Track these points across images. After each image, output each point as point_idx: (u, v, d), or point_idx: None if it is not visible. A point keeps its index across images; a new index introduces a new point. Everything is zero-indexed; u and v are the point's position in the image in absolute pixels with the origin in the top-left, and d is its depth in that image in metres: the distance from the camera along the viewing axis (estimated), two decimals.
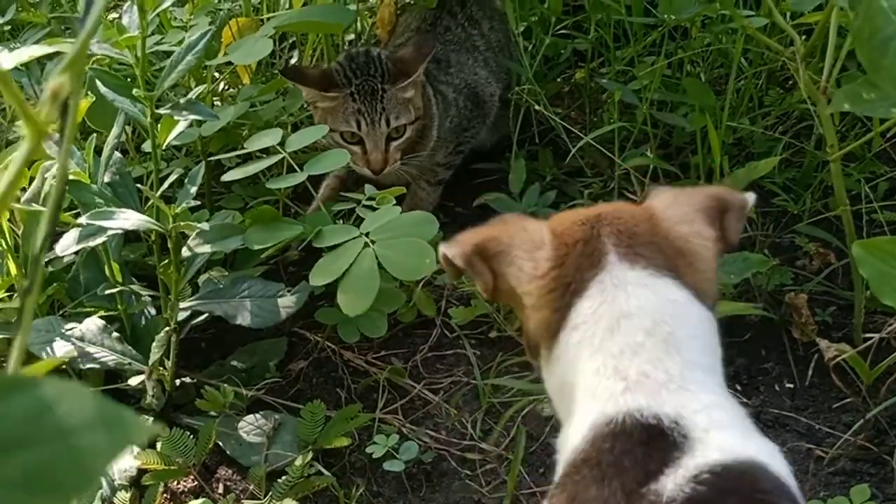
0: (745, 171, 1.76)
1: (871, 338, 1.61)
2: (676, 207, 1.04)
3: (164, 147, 1.64)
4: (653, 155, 2.03)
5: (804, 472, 1.55)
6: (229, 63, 2.00)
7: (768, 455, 0.92)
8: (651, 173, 1.98)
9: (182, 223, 1.51)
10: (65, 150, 0.48)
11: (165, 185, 1.61)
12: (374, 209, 1.66)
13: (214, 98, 2.22)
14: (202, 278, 1.80)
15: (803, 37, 1.65)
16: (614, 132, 2.02)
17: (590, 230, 1.01)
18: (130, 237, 1.97)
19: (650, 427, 0.92)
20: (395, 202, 1.67)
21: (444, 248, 1.08)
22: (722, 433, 0.91)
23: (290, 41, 2.45)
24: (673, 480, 0.88)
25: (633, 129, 2.09)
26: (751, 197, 1.08)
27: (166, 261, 1.60)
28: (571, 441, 0.96)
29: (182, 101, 1.53)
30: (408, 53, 1.95)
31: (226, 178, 1.75)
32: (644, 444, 0.92)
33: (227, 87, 2.31)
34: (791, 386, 1.71)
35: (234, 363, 1.81)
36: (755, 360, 1.76)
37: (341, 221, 1.74)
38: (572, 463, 0.94)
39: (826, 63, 1.46)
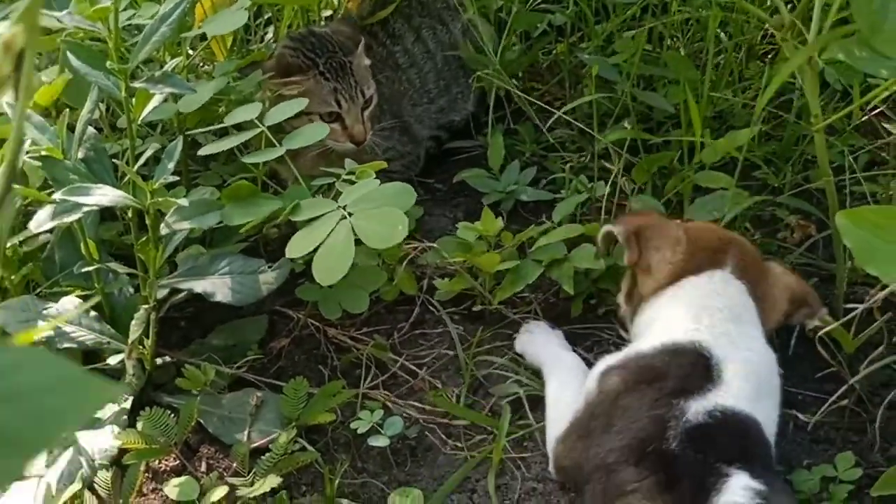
0: (724, 141, 1.76)
1: (854, 308, 1.61)
2: (783, 277, 1.54)
3: (139, 122, 1.61)
4: (632, 129, 2.03)
5: (788, 441, 1.55)
6: (204, 38, 1.97)
7: (764, 417, 1.34)
8: (631, 148, 1.97)
9: (160, 199, 1.48)
10: (20, 107, 0.46)
11: (141, 160, 1.58)
12: (353, 183, 1.64)
13: (190, 75, 2.18)
14: (181, 256, 1.78)
15: (788, 5, 1.64)
16: (592, 105, 2.00)
17: (722, 245, 1.50)
18: (106, 216, 1.94)
19: (701, 356, 1.35)
20: (374, 175, 1.65)
21: (608, 227, 1.57)
22: (742, 383, 1.33)
23: (266, 17, 2.42)
24: (696, 405, 1.29)
25: (613, 105, 2.07)
26: (823, 312, 1.56)
27: (144, 238, 1.57)
28: (639, 347, 1.42)
29: (157, 73, 1.50)
30: (343, 25, 1.96)
31: (202, 152, 1.72)
32: (692, 365, 1.34)
33: (202, 64, 2.28)
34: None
35: (215, 341, 1.79)
36: None
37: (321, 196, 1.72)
38: (635, 358, 1.40)
39: (811, 30, 1.46)
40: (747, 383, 1.33)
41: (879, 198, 1.87)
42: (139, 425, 1.56)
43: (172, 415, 1.59)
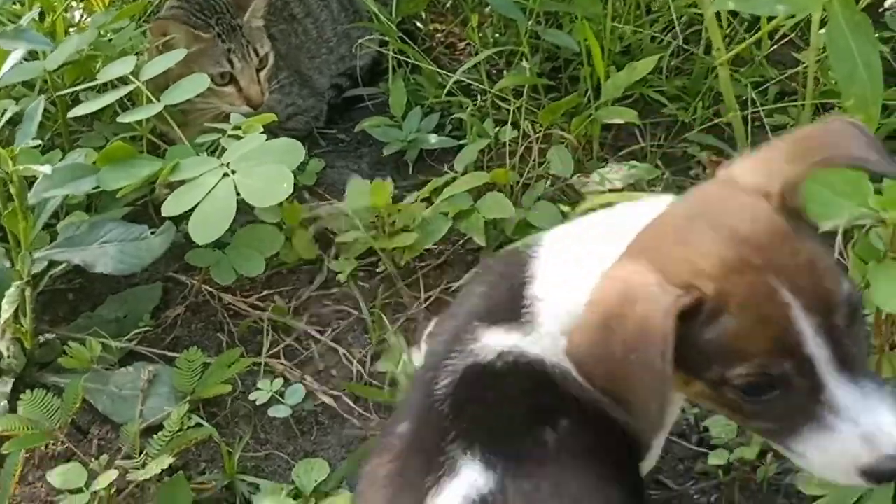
0: (625, 73, 1.69)
1: None
2: None
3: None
4: (538, 69, 1.95)
5: None
6: None
7: None
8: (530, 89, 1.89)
9: (21, 166, 1.36)
10: None
11: (1, 123, 1.45)
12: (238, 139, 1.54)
13: (71, 29, 2.05)
14: (62, 224, 1.67)
15: None
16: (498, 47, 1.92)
17: None
18: None
19: None
20: (262, 130, 1.55)
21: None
22: None
23: None
24: None
25: (518, 45, 1.98)
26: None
27: (11, 208, 1.45)
28: None
29: (9, 29, 1.37)
30: None
31: (73, 113, 1.61)
32: None
33: (84, 17, 2.14)
34: None
35: (105, 313, 1.69)
36: None
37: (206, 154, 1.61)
38: None
39: None
40: None
41: (790, 129, 1.82)
42: (20, 410, 1.45)
43: (58, 396, 1.48)
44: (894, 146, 1.55)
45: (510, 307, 1.02)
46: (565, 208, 1.69)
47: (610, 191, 1.71)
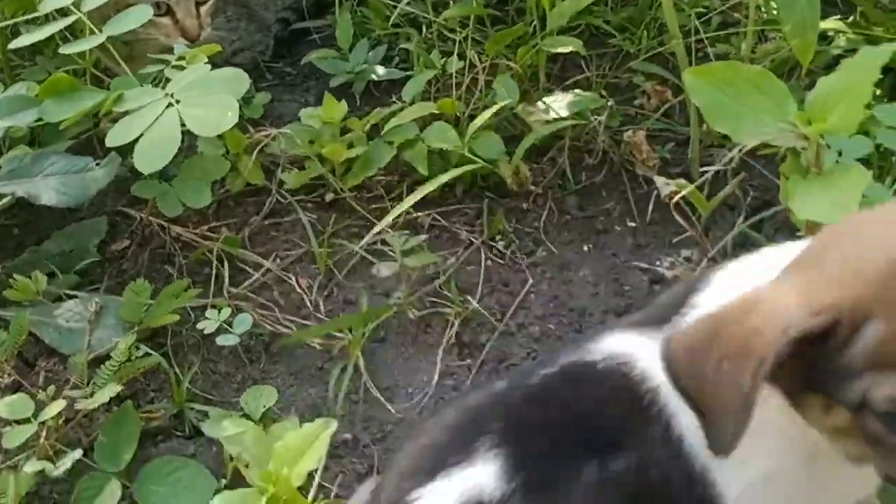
0: (569, 2, 1.69)
1: (707, 171, 1.59)
2: None
3: None
4: (484, 0, 1.94)
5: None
6: None
7: None
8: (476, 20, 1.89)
9: None
10: None
11: None
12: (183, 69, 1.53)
13: None
14: (5, 158, 1.65)
15: None
16: None
17: None
18: None
19: None
20: (206, 60, 1.54)
21: None
22: None
23: None
24: None
25: None
26: None
27: None
28: None
29: None
30: None
31: (14, 45, 1.58)
32: None
33: None
34: (632, 224, 1.69)
35: (51, 248, 1.68)
36: (597, 202, 1.73)
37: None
38: None
39: None
40: None
41: (732, 59, 1.84)
42: None
43: (3, 329, 1.48)
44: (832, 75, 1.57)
45: (660, 317, 0.92)
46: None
47: (555, 119, 1.73)
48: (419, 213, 1.70)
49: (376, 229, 1.62)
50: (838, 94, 1.24)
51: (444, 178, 1.65)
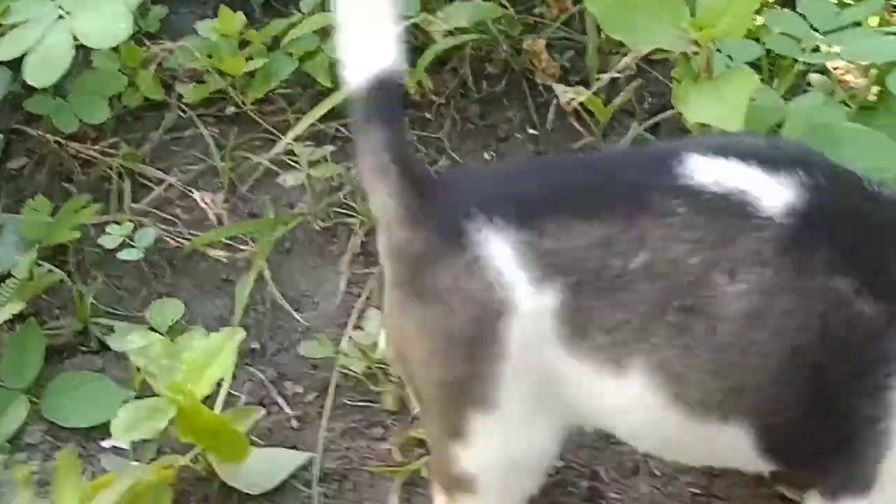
0: None
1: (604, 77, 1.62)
2: None
3: None
4: None
5: None
6: None
7: None
8: None
9: None
10: None
11: None
12: None
13: None
14: None
15: None
16: None
17: None
18: None
19: None
20: None
21: None
22: None
23: None
24: None
25: None
26: None
27: None
28: None
29: None
30: None
31: None
32: None
33: None
34: (533, 132, 1.72)
35: None
36: (499, 111, 1.75)
37: None
38: None
39: None
40: None
41: None
42: None
43: None
44: None
45: None
46: None
47: (456, 29, 1.73)
48: (323, 126, 1.70)
49: (287, 139, 1.62)
50: (728, 0, 1.29)
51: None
